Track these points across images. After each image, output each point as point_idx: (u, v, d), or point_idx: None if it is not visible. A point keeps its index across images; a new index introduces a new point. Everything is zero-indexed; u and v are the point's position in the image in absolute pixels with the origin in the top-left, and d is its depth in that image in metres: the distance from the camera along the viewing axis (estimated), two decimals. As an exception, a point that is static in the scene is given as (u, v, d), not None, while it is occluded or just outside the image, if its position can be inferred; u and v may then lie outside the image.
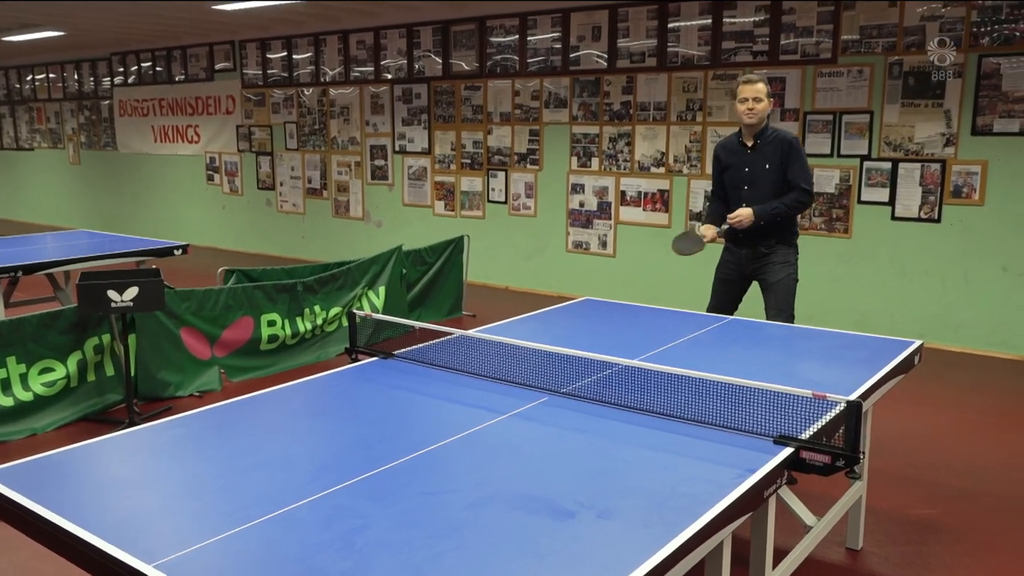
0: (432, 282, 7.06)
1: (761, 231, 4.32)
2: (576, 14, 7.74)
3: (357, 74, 9.50)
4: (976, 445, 4.42)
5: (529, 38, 8.08)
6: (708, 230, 4.43)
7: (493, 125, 8.48)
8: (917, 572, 3.14)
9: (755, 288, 4.53)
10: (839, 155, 6.55)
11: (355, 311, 3.13)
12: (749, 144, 4.37)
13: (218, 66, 10.96)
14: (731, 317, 3.77)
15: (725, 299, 4.54)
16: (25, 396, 4.53)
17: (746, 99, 4.26)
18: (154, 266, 5.44)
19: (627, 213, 7.73)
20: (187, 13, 8.97)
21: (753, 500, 1.93)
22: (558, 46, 7.90)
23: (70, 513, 1.77)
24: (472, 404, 2.51)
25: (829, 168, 6.60)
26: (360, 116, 9.58)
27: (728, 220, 4.30)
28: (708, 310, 4.50)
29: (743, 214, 4.26)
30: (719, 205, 4.54)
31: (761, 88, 4.25)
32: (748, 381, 2.39)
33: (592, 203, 7.94)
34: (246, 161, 10.97)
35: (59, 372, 4.65)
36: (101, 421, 4.71)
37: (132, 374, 4.77)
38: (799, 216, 4.49)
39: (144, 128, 12.21)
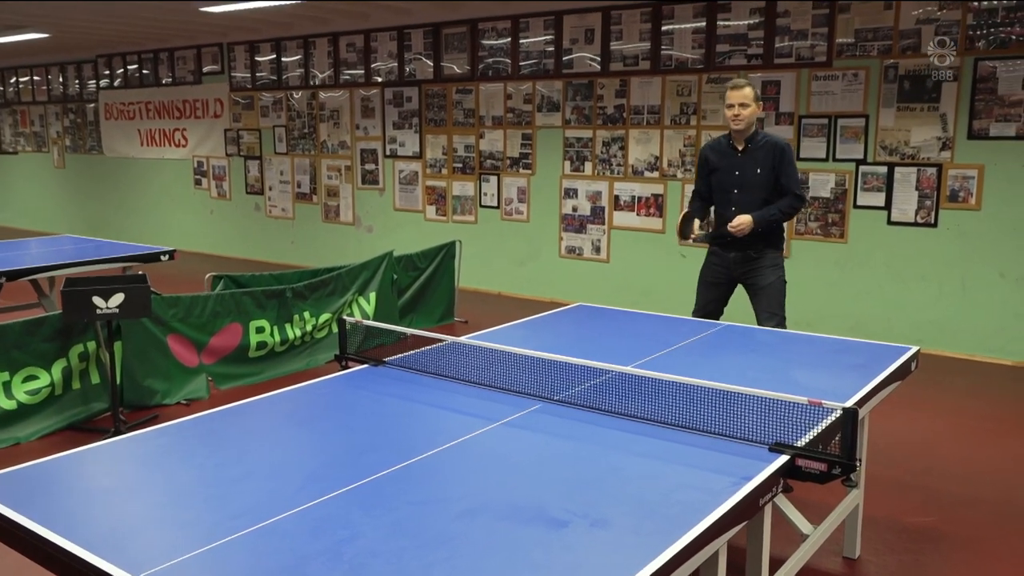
0: (423, 288, 7.05)
1: (751, 236, 4.35)
2: (569, 16, 7.76)
3: (347, 77, 9.50)
4: (974, 451, 4.43)
5: (521, 41, 8.10)
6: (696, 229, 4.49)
7: (485, 129, 8.49)
8: (914, 581, 3.15)
9: (740, 292, 4.55)
10: (834, 159, 6.58)
11: (345, 317, 3.13)
12: (740, 148, 4.40)
13: (206, 69, 10.95)
14: (724, 323, 3.78)
15: (712, 302, 4.57)
16: (8, 404, 4.51)
17: (732, 105, 4.30)
18: (140, 272, 5.41)
19: (621, 218, 7.74)
20: (174, 15, 8.96)
21: (748, 508, 1.93)
22: (551, 49, 7.91)
23: (54, 524, 1.76)
24: (464, 412, 2.51)
25: (824, 172, 6.63)
26: (350, 120, 9.58)
27: (729, 228, 4.32)
28: (694, 314, 4.52)
29: (744, 222, 4.28)
30: (701, 205, 4.58)
31: (748, 93, 4.27)
32: (743, 388, 2.39)
33: (585, 208, 7.95)
34: (234, 165, 10.96)
35: (43, 380, 4.63)
36: (86, 430, 4.69)
37: (118, 382, 4.76)
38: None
39: (130, 131, 12.18)
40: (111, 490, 1.98)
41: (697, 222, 4.50)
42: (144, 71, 11.71)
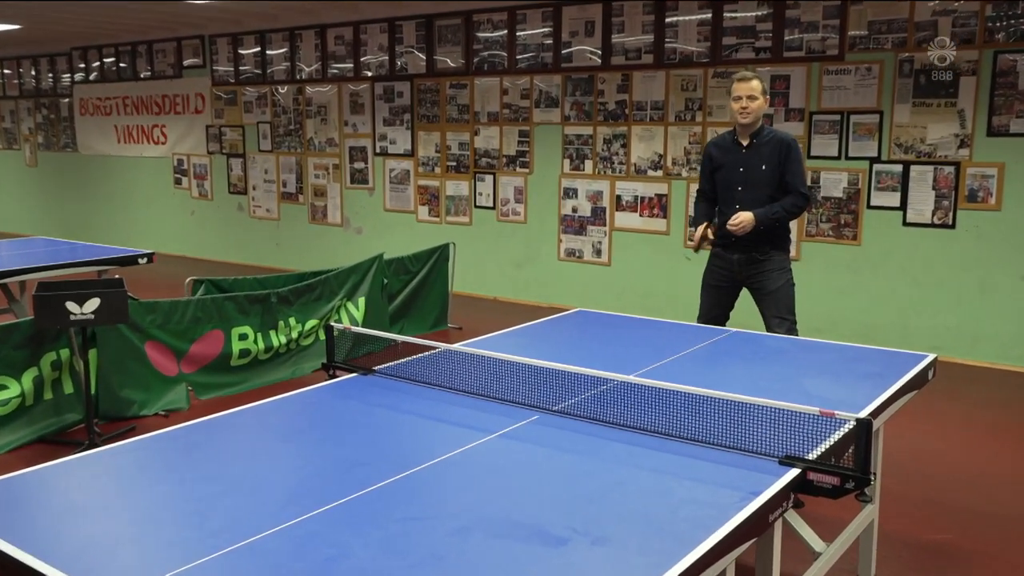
0: (415, 293, 7.05)
1: (755, 236, 4.35)
2: (568, 8, 7.77)
3: (335, 71, 9.51)
4: (994, 464, 4.44)
5: (518, 33, 8.11)
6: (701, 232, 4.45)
7: (480, 126, 8.50)
8: (932, 601, 3.15)
9: (746, 297, 4.56)
10: (847, 157, 6.60)
11: (333, 324, 3.13)
12: (744, 143, 4.42)
13: (186, 62, 10.95)
14: (732, 329, 3.79)
15: (716, 307, 4.57)
16: (-23, 416, 4.50)
17: (740, 97, 4.31)
18: (117, 276, 5.41)
19: (623, 219, 7.75)
20: (153, 6, 8.96)
21: (757, 525, 1.93)
22: (549, 42, 7.93)
23: (23, 542, 1.76)
24: (458, 423, 2.51)
25: (837, 171, 6.64)
26: (338, 116, 9.59)
27: (728, 226, 4.33)
28: (699, 320, 4.53)
29: (745, 219, 4.28)
30: (707, 206, 4.59)
31: (756, 85, 4.29)
32: (751, 398, 2.39)
33: (586, 208, 7.96)
34: (216, 163, 10.95)
35: (13, 390, 4.62)
36: (59, 443, 4.67)
37: (92, 392, 4.74)
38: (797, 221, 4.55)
39: (107, 128, 12.18)
40: (84, 507, 1.97)
41: (710, 230, 4.46)
42: (121, 64, 11.71)
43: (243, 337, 5.59)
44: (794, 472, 2.12)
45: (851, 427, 2.25)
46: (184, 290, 5.69)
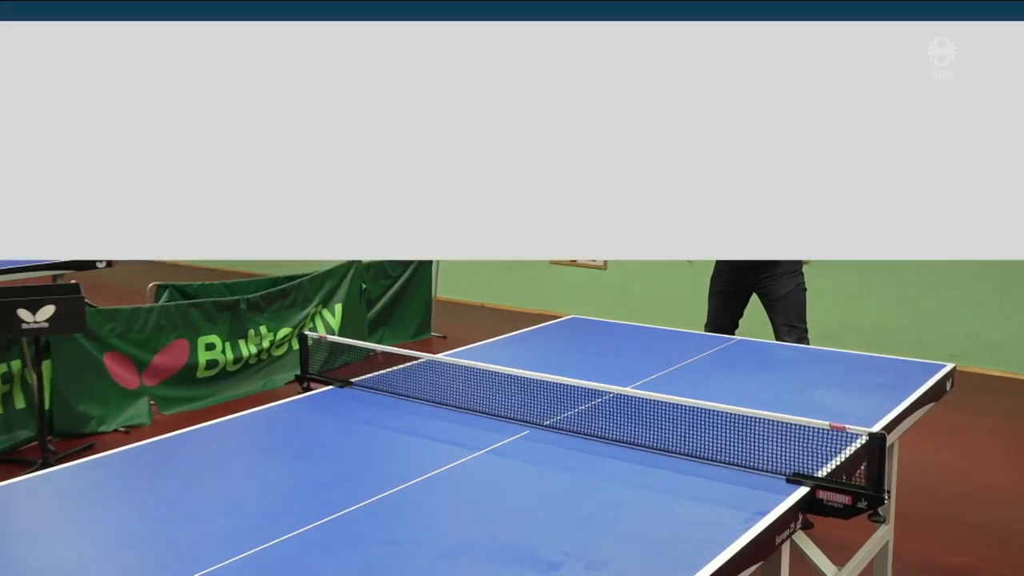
0: (396, 299, 7.05)
1: None
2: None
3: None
4: (1016, 481, 4.46)
5: (507, 20, 8.11)
6: None
7: (466, 119, 8.49)
8: (951, 628, 3.16)
9: (754, 303, 4.57)
10: (859, 153, 6.62)
11: (307, 332, 3.12)
12: None
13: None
14: (736, 338, 3.80)
15: (724, 314, 4.58)
16: (-79, 433, 4.47)
17: None
18: (73, 281, 5.39)
19: (619, 219, 7.75)
20: None
21: (764, 547, 1.94)
22: (540, 29, 7.93)
23: (-28, 570, 1.75)
24: (442, 439, 2.51)
25: (848, 168, 6.66)
26: (313, 108, 9.56)
27: None
28: (707, 328, 4.54)
29: None
30: None
31: None
32: (757, 411, 2.40)
33: (579, 208, 7.95)
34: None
35: (-39, 405, 4.60)
36: (9, 462, 4.64)
37: (46, 407, 4.72)
38: None
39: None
40: (38, 531, 1.96)
41: None
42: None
43: (210, 347, 5.57)
44: (803, 491, 2.12)
45: (863, 442, 2.27)
46: (146, 296, 5.67)
